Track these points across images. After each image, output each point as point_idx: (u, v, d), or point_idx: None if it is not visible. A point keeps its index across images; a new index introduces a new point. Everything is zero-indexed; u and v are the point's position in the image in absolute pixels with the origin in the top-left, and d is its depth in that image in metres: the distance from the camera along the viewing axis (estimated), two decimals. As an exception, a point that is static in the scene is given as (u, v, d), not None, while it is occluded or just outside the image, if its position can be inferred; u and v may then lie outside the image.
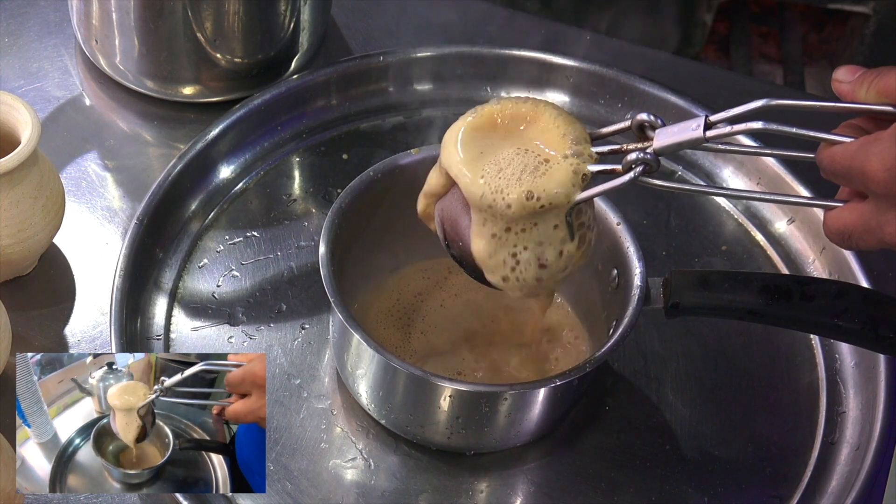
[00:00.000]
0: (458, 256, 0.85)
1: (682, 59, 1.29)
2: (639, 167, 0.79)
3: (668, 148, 0.79)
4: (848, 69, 0.76)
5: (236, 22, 1.09)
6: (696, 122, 0.78)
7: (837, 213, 0.75)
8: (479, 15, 1.23)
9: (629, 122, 0.81)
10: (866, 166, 0.71)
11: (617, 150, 0.81)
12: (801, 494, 0.93)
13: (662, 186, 0.81)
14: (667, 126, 0.80)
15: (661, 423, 0.96)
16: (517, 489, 0.92)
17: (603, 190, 0.80)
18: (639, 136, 0.81)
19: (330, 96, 1.13)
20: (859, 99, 0.75)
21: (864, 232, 0.74)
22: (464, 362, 0.95)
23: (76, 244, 1.03)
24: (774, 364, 1.00)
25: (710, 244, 1.08)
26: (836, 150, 0.74)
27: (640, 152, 0.79)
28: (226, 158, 1.08)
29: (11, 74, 1.14)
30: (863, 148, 0.72)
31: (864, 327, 0.85)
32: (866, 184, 0.72)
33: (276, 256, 1.03)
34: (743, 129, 0.76)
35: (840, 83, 0.76)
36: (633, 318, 0.87)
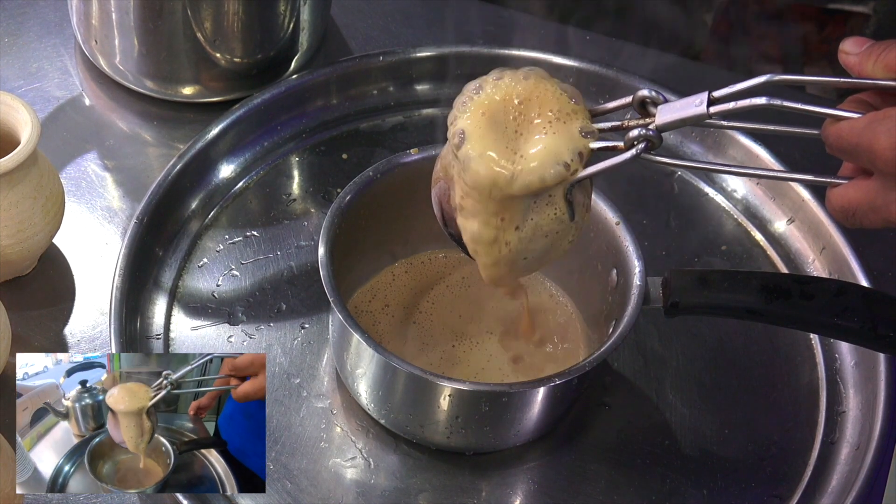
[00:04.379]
0: (456, 235, 0.85)
1: (682, 59, 1.29)
2: (641, 143, 0.78)
3: (670, 124, 0.77)
4: (855, 40, 0.74)
5: (236, 22, 1.09)
6: (698, 98, 0.76)
7: (842, 190, 0.74)
8: (479, 15, 1.23)
9: (630, 98, 0.80)
10: (874, 144, 0.70)
11: (618, 127, 0.80)
12: (801, 494, 0.93)
13: (665, 163, 0.80)
14: (669, 102, 0.78)
15: (660, 423, 0.96)
16: (517, 489, 0.92)
17: (605, 167, 0.79)
18: (640, 112, 0.80)
19: (330, 96, 1.13)
20: (866, 72, 0.73)
21: (868, 210, 0.73)
22: (463, 361, 0.95)
23: (76, 244, 1.03)
24: (774, 364, 1.00)
25: (709, 244, 1.08)
26: (842, 126, 0.72)
27: (643, 128, 0.78)
28: (225, 158, 1.08)
29: (11, 74, 1.14)
30: (870, 125, 0.70)
31: (864, 326, 0.85)
32: (873, 161, 0.71)
33: (276, 256, 1.03)
34: (747, 105, 0.74)
35: (847, 55, 0.75)
36: (632, 318, 0.87)
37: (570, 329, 0.98)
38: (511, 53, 1.14)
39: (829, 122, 0.73)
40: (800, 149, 1.11)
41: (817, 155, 0.75)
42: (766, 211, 1.10)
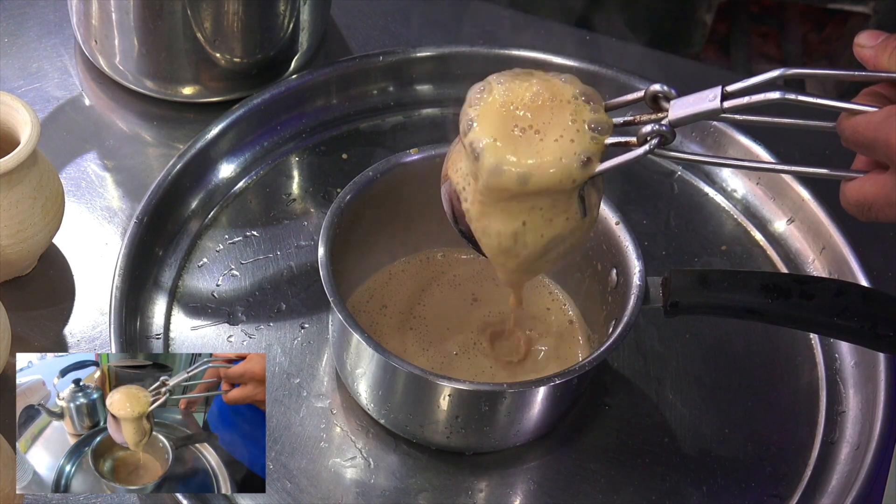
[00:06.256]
0: (466, 232, 0.85)
1: (682, 59, 1.29)
2: (654, 139, 0.77)
3: (684, 119, 0.77)
4: (870, 34, 0.74)
5: (236, 22, 1.09)
6: (712, 93, 0.75)
7: (857, 184, 0.74)
8: (479, 15, 1.23)
9: (642, 92, 0.79)
10: (891, 138, 0.70)
11: (630, 122, 0.79)
12: (801, 494, 0.93)
13: (679, 158, 0.80)
14: (682, 97, 0.78)
15: (660, 422, 0.96)
16: (517, 488, 0.92)
17: (619, 163, 0.78)
18: (652, 107, 0.79)
19: (330, 96, 1.13)
20: (882, 65, 0.73)
21: (885, 205, 0.72)
22: (463, 361, 0.95)
23: (76, 244, 1.03)
24: (774, 363, 1.00)
25: (709, 244, 1.08)
26: (858, 120, 0.72)
27: (656, 124, 0.77)
28: (225, 158, 1.08)
29: (11, 74, 1.14)
30: (887, 120, 0.70)
31: (864, 326, 0.85)
32: (890, 156, 0.70)
33: (276, 256, 1.03)
34: (761, 99, 0.74)
35: (862, 48, 0.74)
36: (632, 318, 0.87)
37: (570, 329, 0.98)
38: (511, 53, 1.14)
39: (845, 116, 0.73)
40: (800, 148, 1.11)
41: (817, 154, 0.75)
42: (766, 211, 1.10)
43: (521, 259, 0.83)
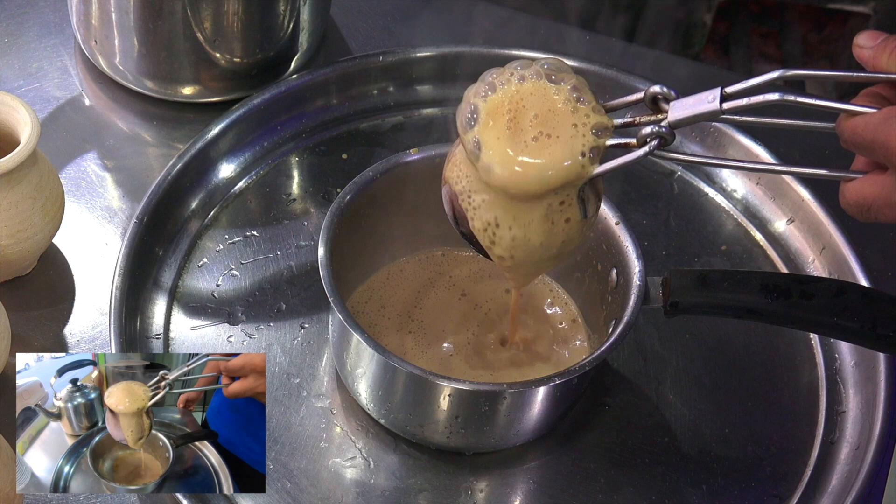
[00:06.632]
0: (467, 234, 0.85)
1: (682, 59, 1.29)
2: (654, 140, 0.77)
3: (683, 121, 0.77)
4: (869, 34, 0.74)
5: (235, 22, 1.09)
6: (711, 95, 0.76)
7: (857, 184, 0.74)
8: (479, 15, 1.23)
9: (642, 94, 0.79)
10: (890, 140, 0.70)
11: (630, 123, 0.80)
12: (801, 494, 0.93)
13: (679, 159, 0.80)
14: (681, 98, 0.78)
15: (660, 422, 0.96)
16: (517, 488, 0.92)
17: (618, 164, 0.79)
18: (652, 108, 0.79)
19: (329, 96, 1.13)
20: (881, 65, 0.73)
21: (884, 205, 0.72)
22: (463, 361, 0.95)
23: (76, 244, 1.03)
24: (774, 363, 1.00)
25: (709, 244, 1.08)
26: (857, 121, 0.72)
27: (655, 125, 0.77)
28: (225, 158, 1.08)
29: (11, 74, 1.14)
30: (886, 121, 0.70)
31: (864, 325, 0.84)
32: (889, 157, 0.70)
33: (276, 256, 1.03)
34: (760, 100, 0.74)
35: (861, 48, 0.74)
36: (632, 318, 0.87)
37: (570, 329, 0.98)
38: (511, 53, 1.14)
39: (844, 117, 0.73)
40: (800, 148, 1.11)
41: (817, 154, 0.75)
42: (766, 211, 1.10)
43: (521, 260, 0.84)
